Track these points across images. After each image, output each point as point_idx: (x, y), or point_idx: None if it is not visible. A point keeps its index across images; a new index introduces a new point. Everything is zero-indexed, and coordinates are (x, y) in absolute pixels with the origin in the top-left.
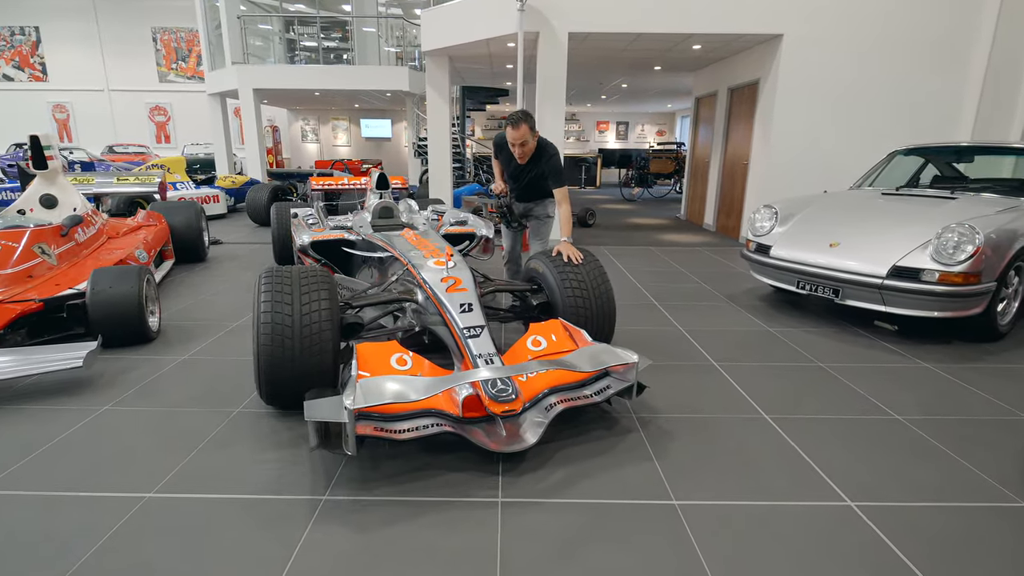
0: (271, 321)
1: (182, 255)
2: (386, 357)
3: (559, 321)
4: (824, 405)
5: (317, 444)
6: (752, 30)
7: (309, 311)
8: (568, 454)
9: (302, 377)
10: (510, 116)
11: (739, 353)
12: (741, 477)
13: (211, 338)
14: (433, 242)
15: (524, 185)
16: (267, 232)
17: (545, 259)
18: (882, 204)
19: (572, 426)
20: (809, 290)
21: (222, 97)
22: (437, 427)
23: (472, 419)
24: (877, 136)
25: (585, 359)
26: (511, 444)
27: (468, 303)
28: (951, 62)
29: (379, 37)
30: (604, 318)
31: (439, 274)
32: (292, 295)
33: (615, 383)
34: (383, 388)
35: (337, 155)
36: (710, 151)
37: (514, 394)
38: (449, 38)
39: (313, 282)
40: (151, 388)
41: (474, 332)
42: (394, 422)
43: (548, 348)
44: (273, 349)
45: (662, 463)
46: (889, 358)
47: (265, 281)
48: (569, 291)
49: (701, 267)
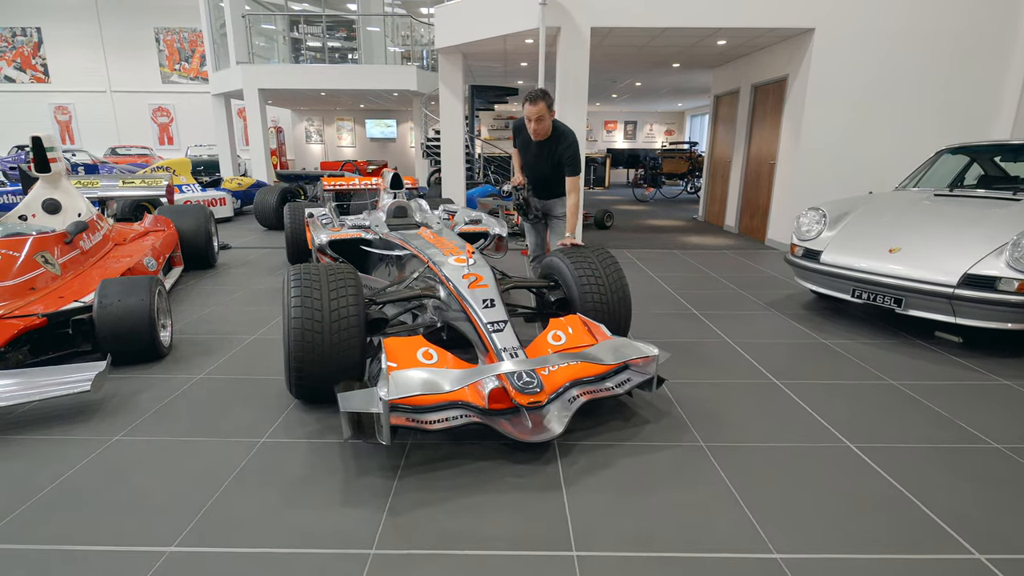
0: (301, 316)
1: (191, 262)
2: (413, 351)
3: (578, 316)
4: (911, 431)
5: (351, 434)
6: (783, 24)
7: (337, 307)
8: (639, 495)
9: (331, 371)
10: (529, 93)
11: (799, 369)
12: (844, 524)
13: (228, 353)
14: (451, 240)
15: (540, 177)
16: (277, 236)
17: (562, 255)
18: (938, 206)
19: (640, 458)
20: (866, 299)
21: (226, 98)
22: (465, 418)
23: (498, 410)
24: (916, 134)
25: (606, 352)
26: (538, 434)
27: (490, 299)
28: (991, 55)
29: (385, 37)
30: (620, 312)
31: (460, 271)
32: (321, 291)
33: (635, 376)
34: (414, 380)
35: (342, 156)
36: (731, 151)
37: (539, 386)
38: (464, 35)
39: (340, 279)
40: (165, 413)
41: (498, 327)
42: (424, 413)
43: (568, 342)
44: (304, 344)
45: (751, 506)
46: (963, 374)
47: (294, 278)
48: (586, 286)
49: (732, 271)
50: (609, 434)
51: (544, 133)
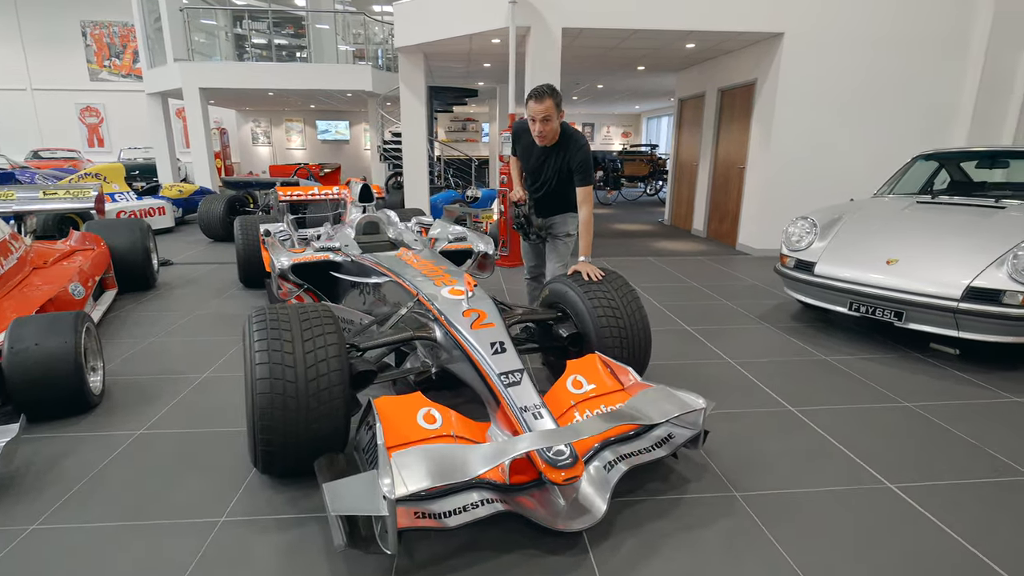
0: (269, 375)
1: (127, 283)
2: (411, 414)
3: (597, 356)
4: (944, 464)
5: (344, 543)
6: (754, 28)
7: (315, 360)
8: (657, 546)
9: (309, 441)
10: (533, 90)
11: (811, 393)
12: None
13: (174, 398)
14: (439, 265)
15: (544, 188)
16: (225, 248)
17: (570, 282)
18: (925, 215)
19: (689, 538)
20: (864, 312)
21: (163, 97)
22: (488, 504)
23: (520, 485)
24: (887, 138)
25: (647, 407)
26: (578, 519)
27: (499, 341)
28: (951, 61)
29: (336, 35)
30: (640, 346)
31: (458, 306)
32: (293, 341)
33: (678, 431)
34: (427, 466)
35: (291, 159)
36: (698, 154)
37: (571, 456)
38: (427, 33)
39: (316, 323)
40: (96, 487)
41: (513, 379)
42: (435, 501)
43: (593, 390)
44: (273, 409)
45: (801, 565)
46: (971, 392)
47: (258, 324)
48: (603, 318)
49: (712, 280)
50: (647, 501)
51: (552, 137)
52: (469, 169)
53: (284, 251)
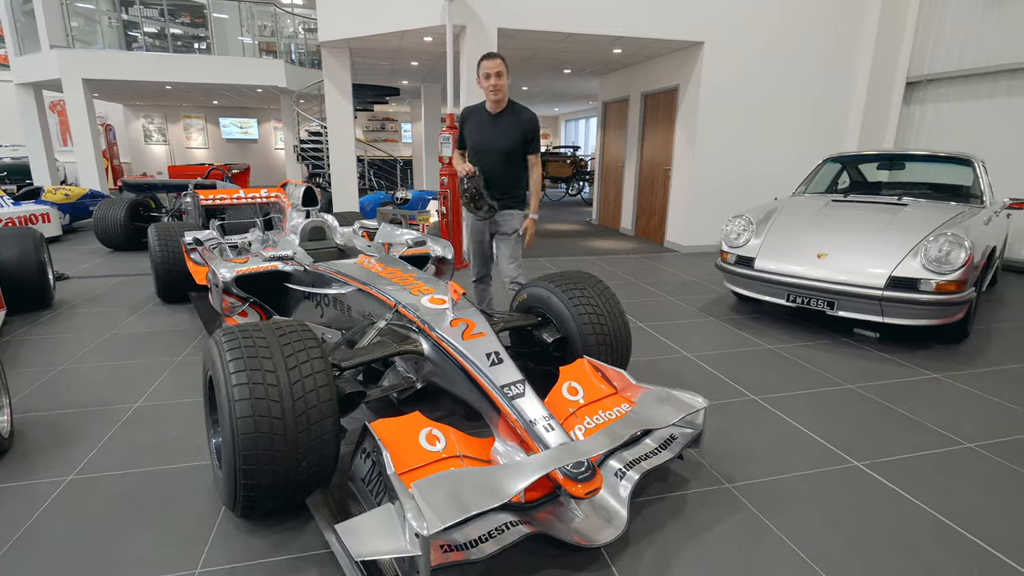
0: (252, 412)
1: (17, 303)
2: (413, 437)
3: (586, 360)
4: (896, 440)
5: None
6: (678, 36)
7: (303, 390)
8: (676, 553)
9: (299, 476)
10: (485, 54)
11: (766, 381)
12: (894, 559)
13: (103, 435)
14: (407, 272)
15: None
16: (129, 258)
17: (551, 286)
18: (842, 212)
19: (702, 548)
20: (800, 303)
21: (36, 88)
22: (513, 528)
23: (536, 501)
24: (796, 141)
25: (654, 411)
26: (601, 532)
27: (494, 352)
28: (844, 68)
29: (241, 26)
30: (622, 345)
31: (443, 317)
32: (276, 369)
33: (679, 432)
34: (454, 494)
35: (193, 159)
36: (624, 156)
37: (590, 469)
38: (356, 28)
39: (299, 344)
40: (25, 551)
41: (516, 391)
42: (457, 529)
43: (588, 396)
44: (259, 450)
45: (809, 554)
46: (899, 371)
47: (230, 348)
48: (586, 319)
49: (652, 276)
50: (655, 503)
51: (503, 98)
52: (394, 170)
53: (223, 262)
